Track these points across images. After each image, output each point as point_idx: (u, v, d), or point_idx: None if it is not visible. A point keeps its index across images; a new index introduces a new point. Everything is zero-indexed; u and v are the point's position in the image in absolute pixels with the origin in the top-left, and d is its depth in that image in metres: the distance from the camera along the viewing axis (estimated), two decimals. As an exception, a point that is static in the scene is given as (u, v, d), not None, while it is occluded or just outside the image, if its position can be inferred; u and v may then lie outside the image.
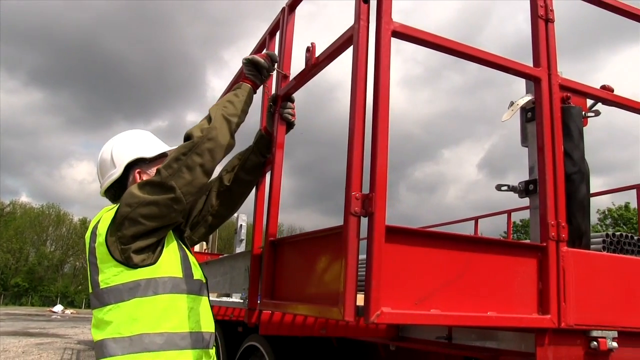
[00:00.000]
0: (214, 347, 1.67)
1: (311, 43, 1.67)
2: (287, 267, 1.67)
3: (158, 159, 1.71)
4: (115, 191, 1.70)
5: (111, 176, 1.70)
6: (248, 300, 1.99)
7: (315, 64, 1.64)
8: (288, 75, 1.96)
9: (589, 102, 2.01)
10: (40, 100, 74.94)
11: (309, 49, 1.66)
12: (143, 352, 1.43)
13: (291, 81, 1.83)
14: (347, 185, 1.25)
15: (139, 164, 1.70)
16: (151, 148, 1.74)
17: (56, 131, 78.65)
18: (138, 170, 1.68)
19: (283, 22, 2.07)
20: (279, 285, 1.69)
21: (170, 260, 1.55)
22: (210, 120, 1.59)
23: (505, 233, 6.64)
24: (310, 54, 1.66)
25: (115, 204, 1.57)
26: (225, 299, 3.47)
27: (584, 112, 1.91)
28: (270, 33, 2.30)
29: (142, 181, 1.57)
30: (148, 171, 1.69)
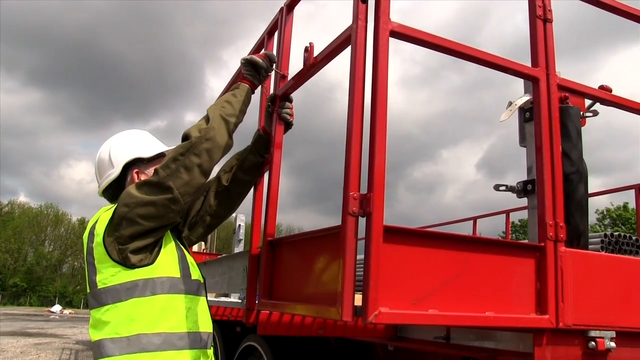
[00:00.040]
0: (212, 347, 1.67)
1: (309, 43, 1.67)
2: (285, 267, 1.67)
3: (156, 159, 1.71)
4: (114, 191, 1.70)
5: (109, 176, 1.69)
6: (246, 300, 1.99)
7: (314, 64, 1.64)
8: (286, 75, 1.96)
9: (587, 102, 2.02)
10: (39, 100, 74.72)
11: (307, 49, 1.66)
12: (141, 352, 1.43)
13: (289, 81, 1.83)
14: (345, 185, 1.25)
15: (136, 164, 1.69)
16: (149, 148, 1.73)
17: (55, 131, 78.42)
18: (136, 170, 1.68)
19: (281, 22, 2.07)
20: (277, 285, 1.68)
21: (168, 260, 1.55)
22: (208, 120, 1.58)
23: (503, 233, 6.65)
24: (308, 54, 1.66)
25: (113, 204, 1.57)
26: (223, 299, 3.47)
27: (582, 112, 1.91)
28: (269, 33, 2.30)
29: (139, 181, 1.56)
30: (146, 171, 1.69)
